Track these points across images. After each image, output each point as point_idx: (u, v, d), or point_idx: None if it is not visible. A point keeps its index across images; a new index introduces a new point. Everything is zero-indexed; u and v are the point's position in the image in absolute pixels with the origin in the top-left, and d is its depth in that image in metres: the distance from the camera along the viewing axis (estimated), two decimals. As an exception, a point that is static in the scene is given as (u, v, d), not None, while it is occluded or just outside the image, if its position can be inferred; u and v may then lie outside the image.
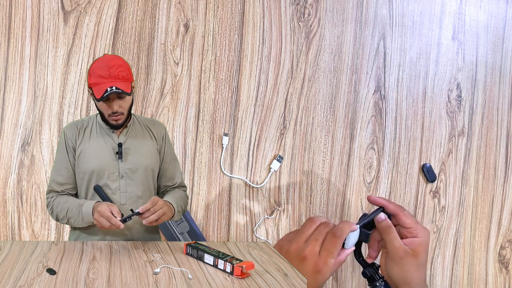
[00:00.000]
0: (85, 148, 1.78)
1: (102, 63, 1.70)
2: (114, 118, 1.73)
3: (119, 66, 1.70)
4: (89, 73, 1.72)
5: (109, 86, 1.66)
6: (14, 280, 1.32)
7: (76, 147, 1.79)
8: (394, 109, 2.84)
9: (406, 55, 2.84)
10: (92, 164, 1.75)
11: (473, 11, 2.92)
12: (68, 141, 1.78)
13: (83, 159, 1.77)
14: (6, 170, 2.42)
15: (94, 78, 1.69)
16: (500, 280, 3.05)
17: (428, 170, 2.87)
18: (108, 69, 1.68)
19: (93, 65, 1.72)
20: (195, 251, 1.58)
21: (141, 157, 1.80)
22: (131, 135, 1.82)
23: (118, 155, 1.77)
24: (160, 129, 1.90)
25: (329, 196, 2.77)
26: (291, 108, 2.69)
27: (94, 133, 1.80)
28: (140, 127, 1.86)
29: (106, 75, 1.68)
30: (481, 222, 3.00)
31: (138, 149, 1.81)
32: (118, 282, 1.35)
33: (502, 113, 2.99)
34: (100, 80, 1.68)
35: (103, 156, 1.76)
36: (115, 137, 1.80)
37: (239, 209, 2.66)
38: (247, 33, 2.62)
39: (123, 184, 1.77)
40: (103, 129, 1.80)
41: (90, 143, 1.78)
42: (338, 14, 2.73)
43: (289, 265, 1.55)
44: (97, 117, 1.83)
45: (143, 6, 2.50)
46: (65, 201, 1.75)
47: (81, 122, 1.83)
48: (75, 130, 1.80)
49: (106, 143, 1.78)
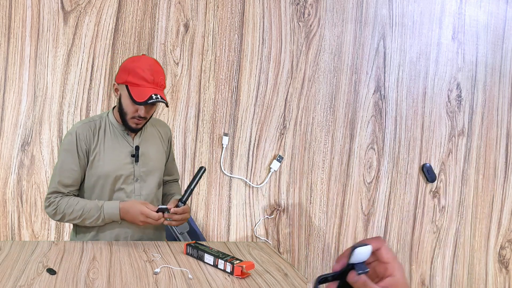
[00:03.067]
0: (100, 151, 1.72)
1: (145, 65, 1.66)
2: (137, 122, 1.70)
3: (162, 73, 1.69)
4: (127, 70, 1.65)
5: (153, 93, 1.64)
6: (14, 280, 1.32)
7: (90, 150, 1.72)
8: (394, 109, 2.84)
9: (406, 55, 2.84)
10: (108, 167, 1.71)
11: (473, 11, 2.92)
12: (80, 143, 1.71)
13: (97, 162, 1.72)
14: (6, 170, 2.42)
15: (135, 78, 1.64)
16: (500, 280, 3.05)
17: (428, 170, 2.87)
18: (153, 74, 1.65)
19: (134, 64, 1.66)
20: (195, 251, 1.58)
21: (154, 159, 1.80)
22: (144, 138, 1.80)
23: (135, 158, 1.75)
24: (167, 130, 1.91)
25: (329, 196, 2.77)
26: (291, 108, 2.70)
27: (108, 135, 1.75)
28: (151, 130, 1.85)
29: (150, 80, 1.65)
30: (481, 222, 3.00)
31: (151, 152, 1.80)
32: (118, 282, 1.35)
33: (502, 113, 2.99)
34: (143, 83, 1.64)
35: (120, 160, 1.73)
36: (130, 139, 1.77)
37: (239, 209, 2.66)
38: (247, 33, 2.62)
39: (138, 187, 1.76)
40: (118, 130, 1.76)
41: (105, 145, 1.73)
42: (338, 14, 2.73)
43: (290, 265, 1.54)
44: (109, 117, 1.78)
45: (143, 6, 2.50)
46: (76, 202, 1.71)
47: (93, 122, 1.76)
48: (89, 131, 1.73)
49: (121, 146, 1.75)
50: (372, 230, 2.84)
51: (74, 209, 1.70)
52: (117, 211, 1.69)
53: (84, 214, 1.69)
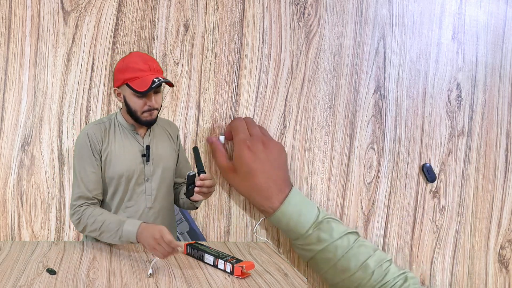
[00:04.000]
0: (111, 151, 1.72)
1: (136, 57, 1.67)
2: (150, 113, 1.70)
3: (154, 60, 1.70)
4: (121, 70, 1.66)
5: (154, 77, 1.63)
6: (14, 280, 1.32)
7: (102, 150, 1.72)
8: (394, 109, 2.84)
9: (406, 55, 2.84)
10: (120, 168, 1.71)
11: (473, 11, 2.92)
12: (93, 143, 1.70)
13: (109, 163, 1.71)
14: (6, 170, 2.42)
15: (131, 72, 1.64)
16: (500, 280, 3.05)
17: (428, 170, 2.87)
18: (146, 63, 1.66)
19: (125, 61, 1.68)
20: (195, 251, 1.58)
21: (164, 159, 1.80)
22: (153, 137, 1.80)
23: (146, 158, 1.74)
24: (175, 129, 1.92)
25: (329, 196, 2.77)
26: (291, 108, 2.70)
27: (118, 135, 1.75)
28: (158, 129, 1.85)
29: (145, 68, 1.65)
30: (481, 222, 3.00)
31: (160, 151, 1.80)
32: (118, 282, 1.35)
33: (502, 113, 2.99)
34: (140, 73, 1.64)
35: (131, 159, 1.73)
36: (140, 139, 1.77)
37: (239, 209, 2.66)
38: (247, 33, 2.62)
39: (149, 187, 1.76)
40: (127, 130, 1.77)
41: (116, 146, 1.73)
42: (338, 14, 2.73)
43: (290, 265, 1.54)
44: (117, 118, 1.79)
45: (143, 6, 2.50)
46: (100, 213, 1.66)
47: (103, 124, 1.77)
48: (100, 132, 1.73)
49: (132, 146, 1.75)
50: (372, 230, 2.84)
51: (96, 219, 1.63)
52: (136, 229, 1.58)
53: (103, 227, 1.63)
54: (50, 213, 2.44)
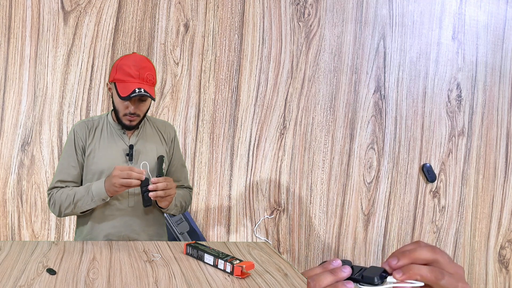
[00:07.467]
0: (95, 148, 1.76)
1: (132, 61, 1.69)
2: (130, 119, 1.72)
3: (149, 69, 1.70)
4: (115, 68, 1.69)
5: (137, 87, 1.65)
6: (14, 280, 1.32)
7: (86, 147, 1.78)
8: (394, 109, 2.84)
9: (406, 55, 2.84)
10: (102, 164, 1.74)
11: (473, 11, 2.92)
12: (77, 140, 1.77)
13: (92, 159, 1.76)
14: (6, 170, 2.42)
15: (121, 75, 1.67)
16: (500, 280, 3.05)
17: (428, 170, 2.87)
18: (138, 70, 1.67)
19: (122, 61, 1.70)
20: (195, 251, 1.58)
21: (151, 160, 1.80)
22: (142, 137, 1.81)
23: (129, 157, 1.76)
24: (170, 132, 1.91)
25: (329, 196, 2.77)
26: (291, 108, 2.69)
27: (105, 133, 1.79)
28: (151, 130, 1.86)
29: (135, 75, 1.67)
30: (481, 222, 3.00)
31: (148, 152, 1.80)
32: (118, 282, 1.35)
33: (502, 113, 2.99)
34: (128, 78, 1.67)
35: (113, 157, 1.75)
36: (126, 138, 1.79)
37: (239, 209, 2.66)
38: (247, 33, 2.62)
39: None
40: (114, 129, 1.79)
41: (101, 143, 1.77)
42: (338, 14, 2.73)
43: (290, 265, 1.54)
44: (108, 117, 1.82)
45: (143, 6, 2.50)
46: (70, 189, 1.74)
47: (91, 121, 1.82)
48: (86, 129, 1.79)
49: (116, 144, 1.77)
50: (372, 230, 2.84)
51: (67, 194, 1.72)
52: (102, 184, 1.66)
53: (76, 196, 1.70)
54: (50, 213, 2.44)
